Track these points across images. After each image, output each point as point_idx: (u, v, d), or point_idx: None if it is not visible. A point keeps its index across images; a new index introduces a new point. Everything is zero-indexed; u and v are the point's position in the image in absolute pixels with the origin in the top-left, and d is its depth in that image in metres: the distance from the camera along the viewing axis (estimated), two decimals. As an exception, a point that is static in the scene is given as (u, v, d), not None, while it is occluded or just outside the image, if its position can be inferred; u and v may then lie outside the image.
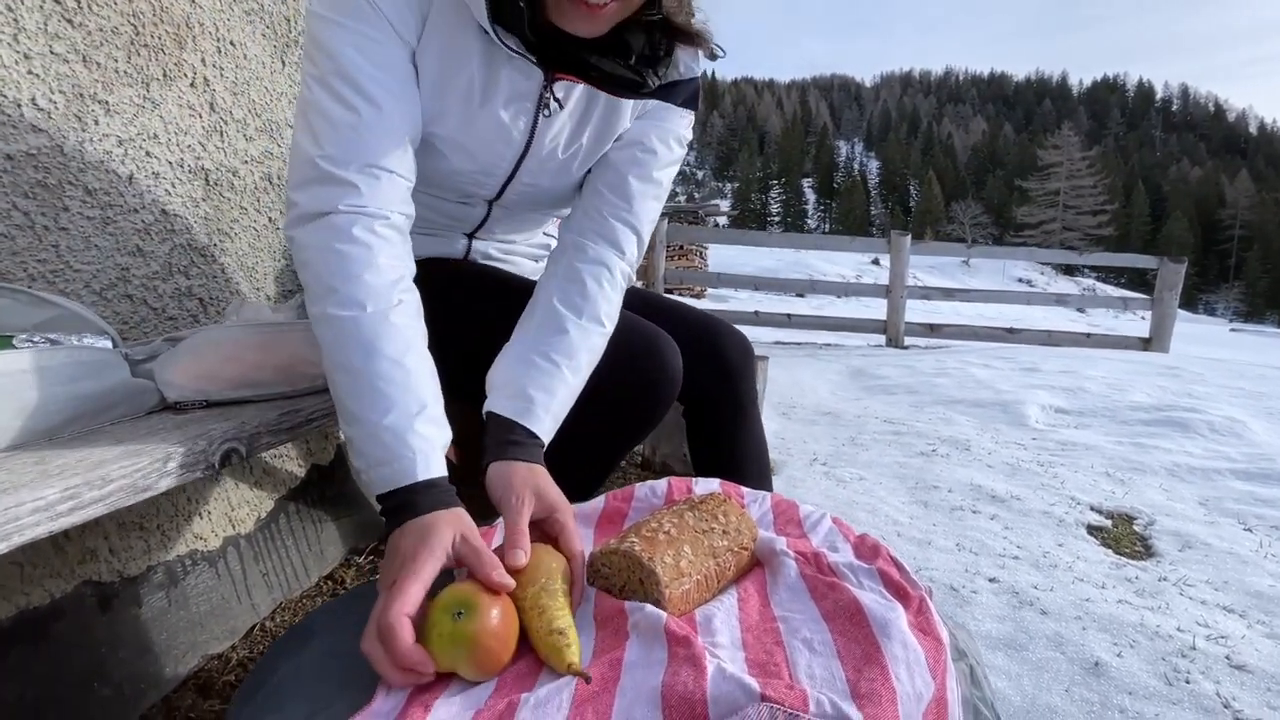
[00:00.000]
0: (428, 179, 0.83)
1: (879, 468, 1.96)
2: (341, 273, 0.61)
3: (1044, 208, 73.24)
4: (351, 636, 0.56)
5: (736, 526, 0.62)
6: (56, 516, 0.42)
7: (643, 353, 0.83)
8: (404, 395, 0.59)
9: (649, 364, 0.83)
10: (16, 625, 0.75)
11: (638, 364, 0.83)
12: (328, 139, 0.64)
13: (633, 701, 0.44)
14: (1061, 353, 4.46)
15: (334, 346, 0.61)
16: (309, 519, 1.26)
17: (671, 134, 0.86)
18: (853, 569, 0.59)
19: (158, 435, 0.56)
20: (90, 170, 0.86)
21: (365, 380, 0.59)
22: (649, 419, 0.87)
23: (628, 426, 0.87)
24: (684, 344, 0.93)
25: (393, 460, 0.57)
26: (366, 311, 0.60)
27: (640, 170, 0.84)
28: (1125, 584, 1.26)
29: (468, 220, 0.95)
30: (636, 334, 0.84)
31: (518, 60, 0.72)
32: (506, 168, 0.84)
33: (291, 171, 0.67)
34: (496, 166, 0.83)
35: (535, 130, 0.79)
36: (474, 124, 0.77)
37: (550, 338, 0.74)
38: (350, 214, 0.63)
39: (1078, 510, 1.64)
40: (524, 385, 0.71)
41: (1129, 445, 2.22)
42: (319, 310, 0.62)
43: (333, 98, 0.65)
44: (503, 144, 0.80)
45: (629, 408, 0.84)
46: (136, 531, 0.91)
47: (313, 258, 0.63)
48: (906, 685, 0.45)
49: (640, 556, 0.55)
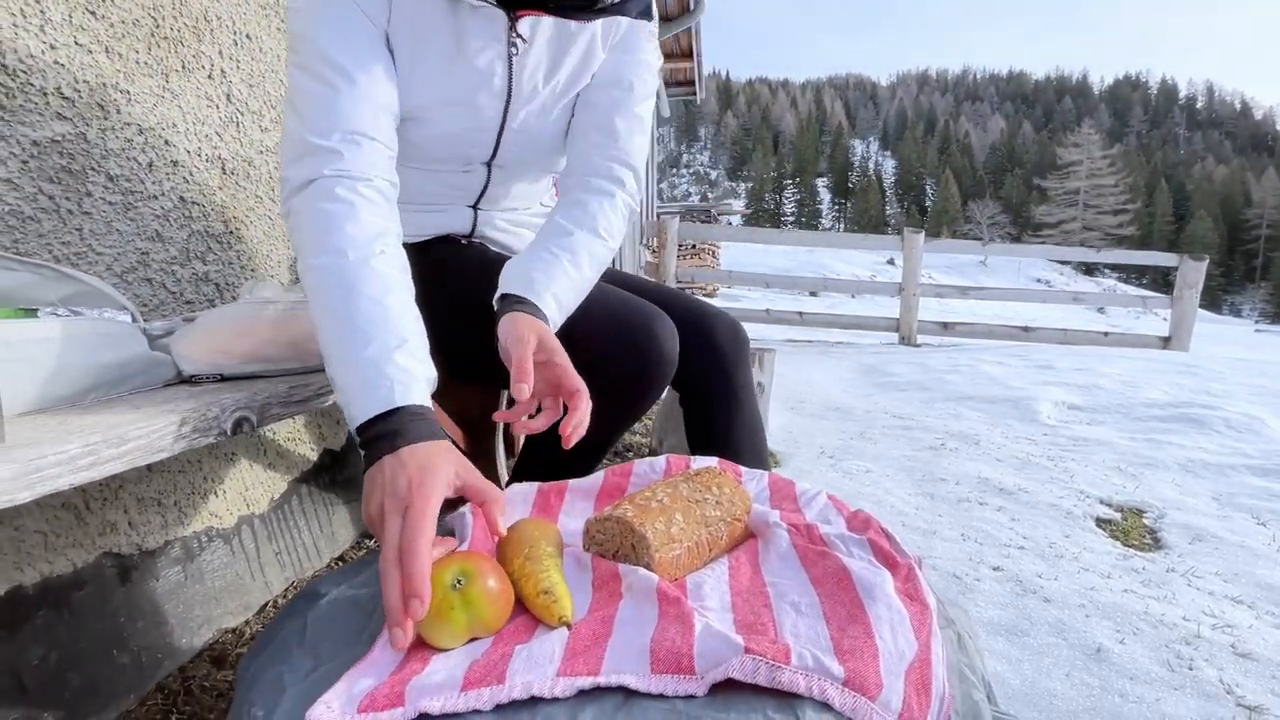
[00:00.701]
0: (426, 152, 0.87)
1: (886, 461, 1.96)
2: (325, 226, 0.64)
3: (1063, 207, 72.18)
4: (357, 596, 0.58)
5: (730, 498, 0.63)
6: (77, 470, 0.45)
7: (641, 331, 0.84)
8: (383, 331, 0.60)
9: (646, 343, 0.84)
10: (41, 591, 0.78)
11: (634, 343, 0.84)
12: (309, 114, 0.69)
13: (622, 654, 0.45)
14: (1077, 351, 4.41)
15: (317, 292, 0.63)
16: (321, 501, 1.29)
17: (643, 65, 0.90)
18: (844, 539, 0.60)
19: (172, 403, 0.58)
20: (112, 157, 0.89)
21: (345, 319, 0.60)
22: (644, 398, 0.88)
23: (623, 406, 0.87)
24: (678, 329, 0.94)
25: (372, 389, 0.57)
26: (348, 258, 0.63)
27: (622, 109, 0.89)
28: (1131, 574, 1.25)
29: (469, 190, 0.96)
30: (634, 314, 0.86)
31: (481, 8, 0.78)
32: (495, 118, 0.87)
33: (283, 154, 0.71)
34: (486, 119, 0.86)
35: (512, 71, 0.83)
36: (455, 80, 0.81)
37: (552, 238, 0.81)
38: (334, 177, 0.67)
39: (1086, 503, 1.63)
40: (527, 269, 0.77)
41: (1142, 441, 2.20)
42: (305, 263, 0.64)
43: (312, 77, 0.70)
44: (486, 93, 0.84)
45: (624, 387, 0.85)
46: (155, 507, 0.94)
47: (301, 221, 0.66)
48: (889, 644, 0.46)
49: (632, 522, 0.56)
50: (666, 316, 0.87)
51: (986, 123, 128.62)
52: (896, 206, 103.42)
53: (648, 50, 0.91)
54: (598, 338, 0.83)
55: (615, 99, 0.89)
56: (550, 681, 0.43)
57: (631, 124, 0.90)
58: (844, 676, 0.42)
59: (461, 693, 0.42)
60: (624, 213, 0.90)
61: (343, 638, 0.52)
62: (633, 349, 0.83)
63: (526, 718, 0.41)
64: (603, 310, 0.86)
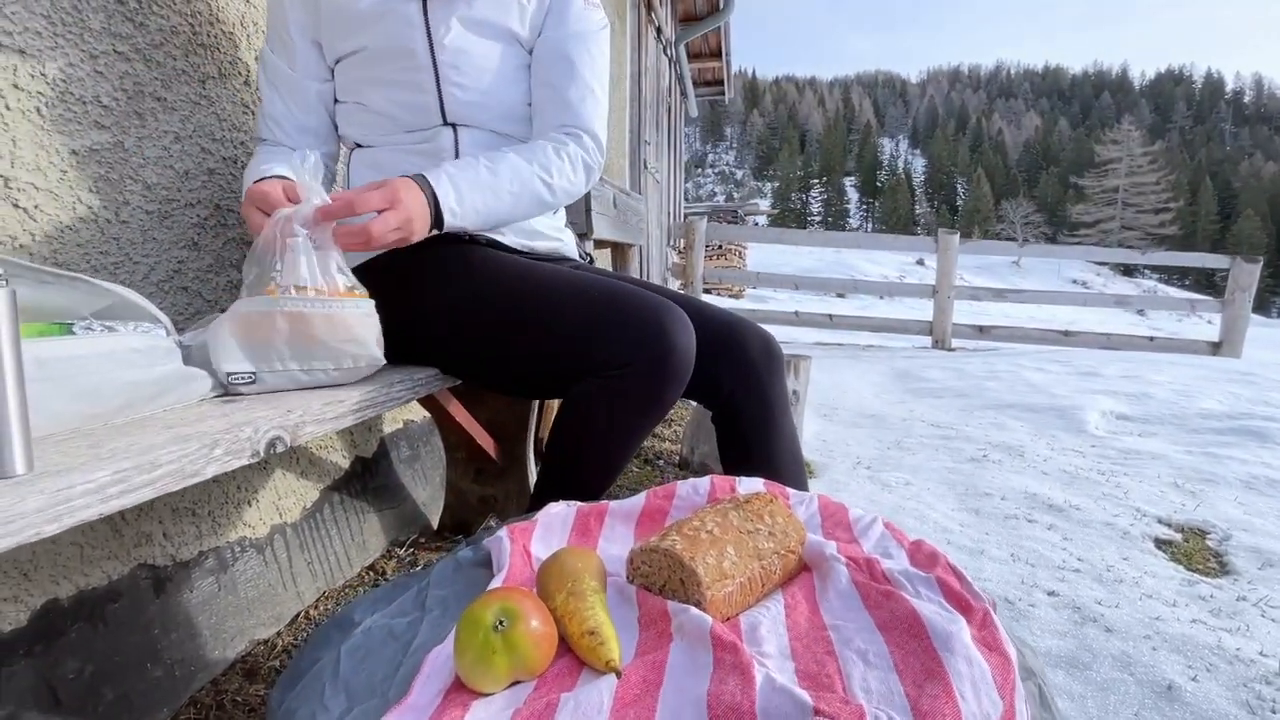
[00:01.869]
0: (385, 118, 0.95)
1: (926, 473, 1.89)
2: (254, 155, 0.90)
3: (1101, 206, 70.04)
4: (393, 627, 0.55)
5: (784, 528, 0.59)
6: (107, 499, 0.43)
7: (652, 326, 0.80)
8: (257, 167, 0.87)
9: (658, 338, 0.79)
10: (76, 604, 0.77)
11: (644, 340, 0.79)
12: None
13: (677, 708, 0.42)
14: (1122, 356, 4.25)
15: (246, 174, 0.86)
16: (352, 510, 1.28)
17: (579, 36, 0.97)
18: (909, 577, 0.55)
19: (206, 422, 0.56)
20: (149, 166, 0.89)
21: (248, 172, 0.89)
22: (661, 398, 0.83)
23: (640, 407, 0.83)
24: (706, 343, 0.90)
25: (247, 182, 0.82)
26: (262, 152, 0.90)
27: (572, 80, 0.96)
28: (1199, 602, 1.17)
29: (439, 159, 0.95)
30: (642, 307, 0.81)
31: None
32: (426, 59, 0.92)
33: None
34: (418, 60, 0.92)
35: (427, 7, 0.91)
36: (380, 24, 0.90)
37: (485, 154, 0.90)
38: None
39: (1143, 522, 1.54)
40: (445, 163, 0.86)
41: (1199, 455, 2.09)
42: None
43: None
44: (407, 27, 0.91)
45: (639, 386, 0.81)
46: (189, 517, 0.94)
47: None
48: (972, 704, 0.42)
49: (681, 555, 0.53)
50: (678, 309, 0.83)
51: (1020, 120, 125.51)
52: (926, 206, 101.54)
53: (581, 19, 0.98)
54: (605, 337, 0.80)
55: (565, 71, 0.96)
56: (600, 737, 0.39)
57: (582, 93, 0.97)
58: (926, 744, 0.38)
59: (505, 747, 0.39)
60: (573, 161, 0.95)
61: (378, 674, 0.49)
62: (643, 346, 0.79)
63: (576, 780, 0.38)
64: (605, 302, 0.82)
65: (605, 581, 0.55)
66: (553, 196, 0.94)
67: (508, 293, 0.87)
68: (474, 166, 0.86)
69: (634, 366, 0.80)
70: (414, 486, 1.49)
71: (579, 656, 0.48)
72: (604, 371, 0.81)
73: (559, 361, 0.84)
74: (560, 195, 0.95)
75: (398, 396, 0.79)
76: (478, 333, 0.88)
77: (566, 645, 0.49)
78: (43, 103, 0.75)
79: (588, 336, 0.81)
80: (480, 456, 1.37)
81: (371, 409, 0.73)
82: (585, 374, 0.83)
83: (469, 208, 0.84)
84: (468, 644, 0.45)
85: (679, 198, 7.95)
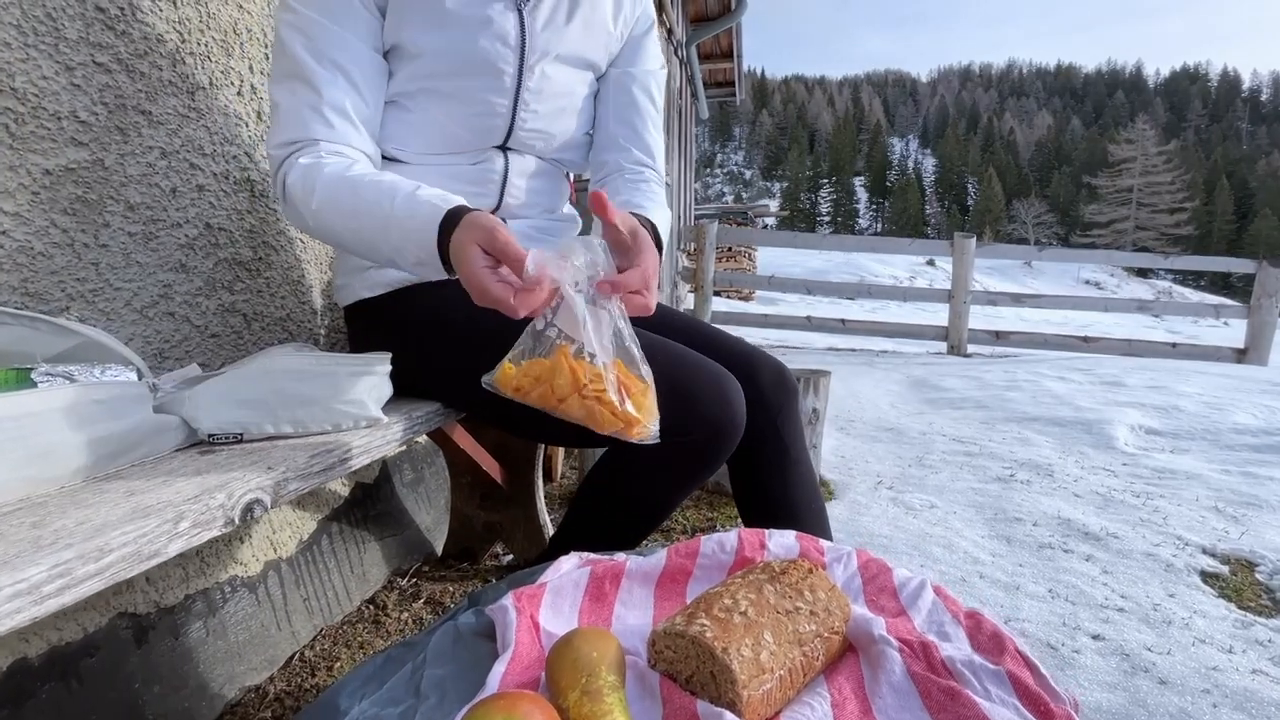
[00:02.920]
0: (439, 134, 0.86)
1: (951, 494, 1.81)
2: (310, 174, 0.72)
3: (1115, 205, 69.27)
4: (380, 715, 0.49)
5: (826, 605, 0.52)
6: (43, 599, 0.37)
7: (712, 399, 0.75)
8: (394, 187, 0.66)
9: (718, 411, 0.75)
10: (47, 662, 0.71)
11: (704, 414, 0.75)
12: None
13: None
14: (1145, 364, 4.13)
15: (327, 213, 0.70)
16: (352, 539, 1.22)
17: (653, 75, 0.98)
18: (974, 669, 0.48)
19: (174, 485, 0.50)
20: (132, 184, 0.83)
21: (363, 204, 0.67)
22: (712, 465, 0.79)
23: (690, 473, 0.79)
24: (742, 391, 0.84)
25: (421, 218, 0.63)
26: (339, 177, 0.70)
27: (650, 120, 0.97)
28: (1258, 648, 1.09)
29: (487, 185, 0.90)
30: (703, 377, 0.76)
31: None
32: (512, 84, 0.85)
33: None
34: (503, 84, 0.84)
35: (524, 23, 0.83)
36: (469, 30, 0.80)
37: (625, 180, 0.92)
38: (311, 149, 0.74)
39: (1187, 553, 1.46)
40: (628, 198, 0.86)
41: (1238, 475, 1.99)
42: (308, 210, 0.71)
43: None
44: (499, 42, 0.82)
45: (693, 454, 0.76)
46: (176, 559, 0.88)
47: (293, 180, 0.73)
48: None
49: (714, 646, 0.46)
50: (732, 377, 0.78)
51: (1033, 119, 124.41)
52: (936, 206, 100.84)
53: (657, 57, 0.99)
54: (668, 407, 0.72)
55: (641, 111, 0.96)
56: None
57: (658, 137, 0.99)
58: None
59: None
60: (659, 187, 0.94)
61: (363, 787, 0.42)
62: (702, 419, 0.74)
63: None
64: (667, 371, 0.75)
65: (624, 670, 0.48)
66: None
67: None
68: (648, 188, 0.90)
69: (694, 437, 0.75)
70: (417, 511, 1.42)
71: (596, 771, 0.41)
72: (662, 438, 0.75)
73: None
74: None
75: (392, 439, 0.72)
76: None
77: (580, 754, 0.42)
78: (12, 119, 0.69)
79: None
80: (486, 481, 1.31)
81: (365, 456, 0.67)
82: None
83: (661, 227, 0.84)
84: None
85: (689, 201, 7.88)
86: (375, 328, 0.91)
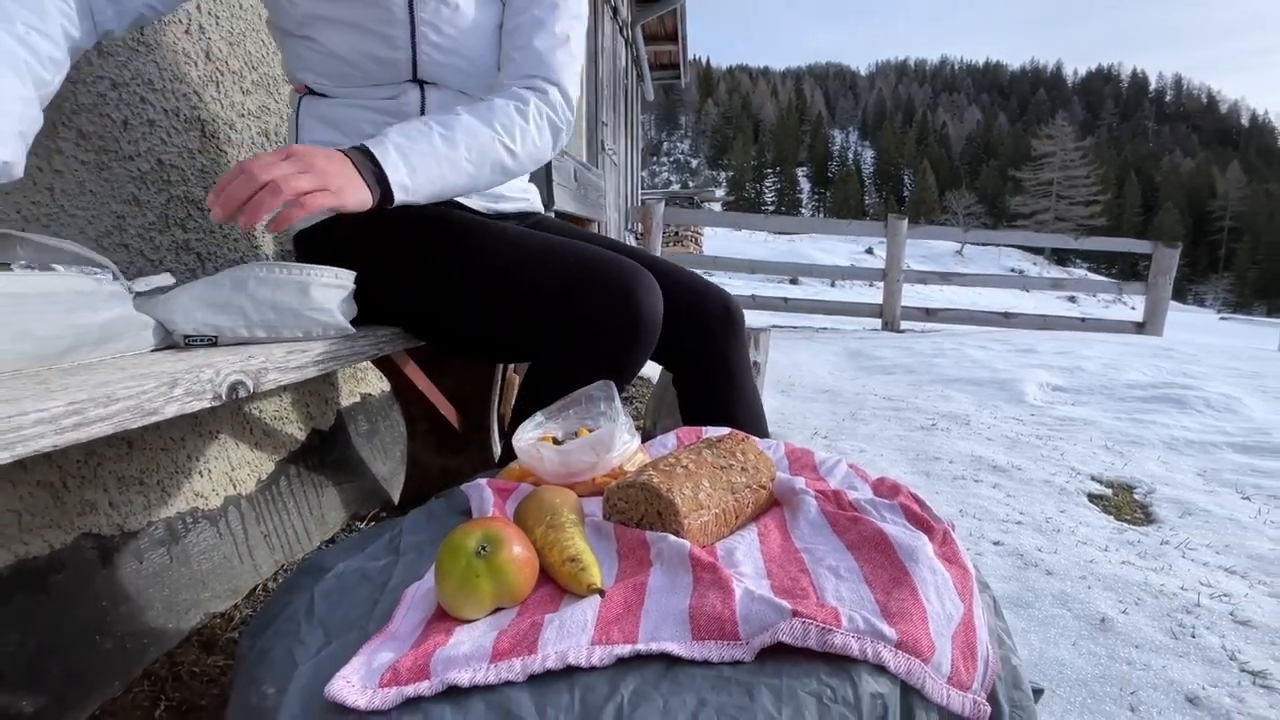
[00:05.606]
0: (346, 65, 0.86)
1: (880, 440, 1.96)
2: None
3: (1037, 197, 73.39)
4: (366, 569, 0.55)
5: (754, 464, 0.61)
6: (61, 430, 0.41)
7: (619, 290, 0.79)
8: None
9: (625, 304, 0.79)
10: (15, 574, 0.73)
11: (614, 304, 0.79)
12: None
13: (660, 621, 0.43)
14: (1057, 336, 4.48)
15: None
16: (310, 483, 1.25)
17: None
18: (874, 504, 0.58)
19: (162, 365, 0.54)
20: (84, 113, 0.83)
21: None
22: (629, 363, 0.83)
23: (607, 371, 0.82)
24: (669, 304, 0.90)
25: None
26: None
27: (541, 30, 0.88)
28: (1128, 546, 1.26)
29: (405, 119, 0.88)
30: (610, 271, 0.81)
31: None
32: (402, 8, 0.84)
33: None
34: (393, 14, 0.84)
35: None
36: None
37: (436, 116, 0.80)
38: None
39: (1078, 480, 1.65)
40: (391, 129, 0.76)
41: (1126, 421, 2.24)
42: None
43: None
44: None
45: (606, 350, 0.81)
46: (136, 486, 0.89)
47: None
48: (936, 606, 0.44)
49: (659, 488, 0.54)
50: (647, 273, 0.83)
51: (963, 114, 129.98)
52: (875, 196, 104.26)
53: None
54: (573, 298, 0.79)
55: (535, 19, 0.88)
56: (586, 650, 0.40)
57: (551, 43, 0.89)
58: (897, 639, 0.40)
59: (491, 664, 0.39)
60: (538, 121, 0.86)
61: (355, 611, 0.48)
62: (612, 309, 0.79)
63: (565, 688, 0.38)
64: (576, 265, 0.81)
65: (583, 516, 0.56)
66: (516, 163, 0.86)
67: (479, 254, 0.85)
68: (426, 135, 0.76)
69: (603, 328, 0.80)
70: (373, 461, 1.45)
71: (561, 584, 0.48)
72: (573, 333, 0.81)
73: (529, 323, 0.83)
74: (525, 161, 0.87)
75: (361, 350, 0.77)
76: (448, 294, 0.86)
77: (548, 575, 0.49)
78: (-38, 36, 0.69)
79: (558, 299, 0.81)
80: (442, 428, 1.35)
81: (335, 361, 0.71)
82: (555, 336, 0.83)
83: (422, 181, 0.75)
84: (450, 570, 0.45)
85: (636, 180, 7.93)
86: (329, 247, 0.92)
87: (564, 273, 0.81)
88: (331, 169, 0.66)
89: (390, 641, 0.43)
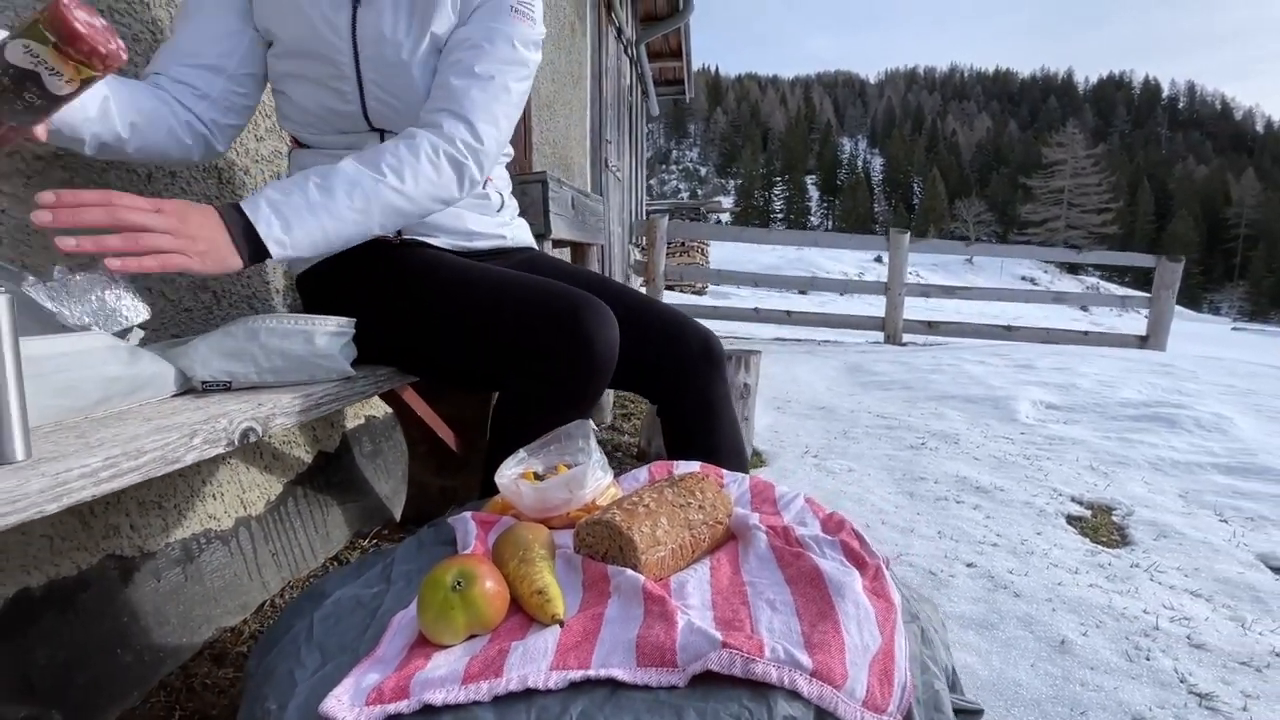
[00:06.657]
0: (314, 116, 0.95)
1: (868, 460, 2.01)
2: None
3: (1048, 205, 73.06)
4: (360, 596, 0.61)
5: (712, 502, 0.67)
6: (99, 482, 0.48)
7: (568, 319, 0.83)
8: None
9: (574, 331, 0.82)
10: (47, 593, 0.81)
11: (563, 331, 0.83)
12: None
13: (610, 649, 0.49)
14: (1058, 350, 4.51)
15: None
16: (315, 503, 1.32)
17: (500, 34, 0.90)
18: (817, 541, 0.64)
19: (182, 415, 0.61)
20: (112, 170, 0.91)
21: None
22: (585, 390, 0.86)
23: (566, 399, 0.87)
24: (647, 340, 0.96)
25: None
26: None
27: (459, 69, 0.88)
28: (1098, 569, 1.31)
29: None
30: (563, 300, 0.84)
31: None
32: (349, 66, 0.91)
33: None
34: (340, 65, 0.90)
35: (356, 19, 0.89)
36: (304, 19, 0.88)
37: (320, 168, 0.80)
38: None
39: (1058, 501, 1.69)
40: (267, 186, 0.77)
41: (1115, 440, 2.27)
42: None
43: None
44: (332, 34, 0.89)
45: (562, 378, 0.85)
46: (155, 510, 0.97)
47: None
48: (855, 638, 0.50)
49: (620, 525, 0.60)
50: (599, 302, 0.86)
51: (973, 121, 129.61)
52: (884, 204, 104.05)
53: (496, 14, 0.91)
54: (529, 329, 0.84)
55: (456, 60, 0.89)
56: (544, 675, 0.46)
57: (469, 81, 0.87)
58: (812, 668, 0.46)
59: (462, 686, 0.46)
60: (434, 159, 0.84)
61: (349, 635, 0.55)
62: (563, 338, 0.83)
63: (523, 708, 0.45)
64: (527, 299, 0.86)
65: (554, 551, 0.62)
66: (412, 205, 0.83)
67: (440, 292, 0.90)
68: (302, 188, 0.76)
69: (557, 355, 0.84)
70: (376, 480, 1.53)
71: (529, 614, 0.55)
72: (531, 361, 0.85)
73: (490, 356, 0.88)
74: (424, 201, 0.85)
75: (361, 391, 0.84)
76: (419, 332, 0.92)
77: (518, 605, 0.56)
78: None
79: (513, 330, 0.85)
80: (441, 450, 1.42)
81: (337, 402, 0.78)
82: (516, 365, 0.87)
83: (301, 235, 0.74)
84: (429, 602, 0.51)
85: (641, 195, 8.03)
86: (324, 293, 0.99)
87: (516, 306, 0.86)
88: (201, 234, 0.67)
89: (377, 664, 0.50)
